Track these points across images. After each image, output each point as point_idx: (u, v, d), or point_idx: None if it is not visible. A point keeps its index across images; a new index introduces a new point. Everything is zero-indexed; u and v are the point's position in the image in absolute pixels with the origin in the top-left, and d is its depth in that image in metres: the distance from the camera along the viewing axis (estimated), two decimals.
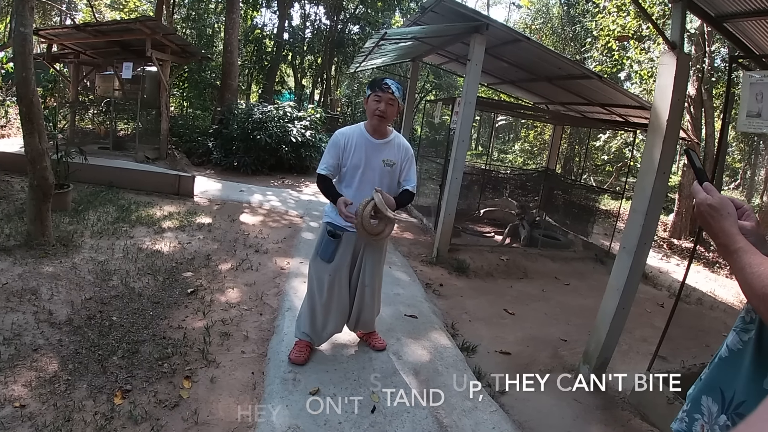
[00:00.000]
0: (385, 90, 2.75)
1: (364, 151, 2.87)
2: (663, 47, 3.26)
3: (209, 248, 5.26)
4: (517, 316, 4.85)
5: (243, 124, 10.91)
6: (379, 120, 2.82)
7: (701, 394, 1.17)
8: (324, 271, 2.98)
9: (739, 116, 3.03)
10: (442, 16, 5.98)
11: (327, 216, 3.01)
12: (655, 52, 10.93)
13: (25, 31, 4.28)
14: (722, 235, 1.03)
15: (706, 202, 1.07)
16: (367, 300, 3.15)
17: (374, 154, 2.89)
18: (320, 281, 3.01)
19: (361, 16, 20.42)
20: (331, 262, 2.95)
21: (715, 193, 1.07)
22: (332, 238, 2.93)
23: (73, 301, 3.61)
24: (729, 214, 1.04)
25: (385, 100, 2.77)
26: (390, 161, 2.91)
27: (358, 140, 2.88)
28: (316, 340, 3.17)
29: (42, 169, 4.47)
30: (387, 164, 2.90)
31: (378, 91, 2.77)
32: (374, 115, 2.81)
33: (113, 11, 19.53)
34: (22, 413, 2.38)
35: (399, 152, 2.96)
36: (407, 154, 3.01)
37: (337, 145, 2.88)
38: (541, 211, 8.55)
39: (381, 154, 2.90)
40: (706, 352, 4.67)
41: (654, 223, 3.35)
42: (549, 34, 21.39)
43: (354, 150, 2.87)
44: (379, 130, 2.91)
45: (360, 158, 2.86)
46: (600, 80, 6.24)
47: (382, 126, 2.88)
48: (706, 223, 1.07)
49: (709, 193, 1.08)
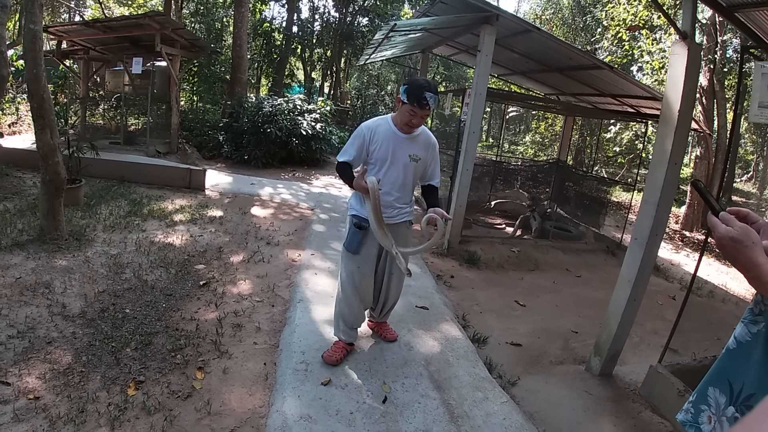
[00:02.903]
0: (423, 107, 2.65)
1: (391, 145, 2.82)
2: (674, 37, 3.22)
3: (221, 241, 5.29)
4: (528, 307, 4.84)
5: (253, 118, 10.92)
6: (410, 129, 2.81)
7: (708, 386, 1.16)
8: (353, 263, 2.97)
9: (751, 107, 2.98)
10: (452, 6, 5.94)
11: (352, 208, 3.00)
12: (667, 43, 10.79)
13: (35, 28, 4.31)
14: (752, 267, 0.95)
15: (728, 235, 0.97)
16: (392, 288, 3.17)
17: (401, 148, 2.83)
18: (350, 275, 2.99)
19: (370, 8, 20.36)
20: (358, 253, 2.93)
21: (735, 223, 0.98)
22: (358, 229, 2.90)
23: (87, 294, 3.66)
24: (754, 243, 0.95)
25: (420, 115, 2.70)
26: (416, 156, 2.87)
27: (386, 134, 2.83)
28: (351, 339, 3.16)
29: (54, 165, 4.51)
30: (413, 159, 2.86)
31: (416, 105, 2.64)
32: (406, 124, 2.76)
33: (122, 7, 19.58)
34: (37, 405, 2.42)
35: (426, 147, 2.93)
36: (434, 150, 2.99)
37: (362, 137, 2.84)
38: (552, 202, 8.50)
39: (408, 149, 2.85)
40: (718, 344, 4.63)
41: (666, 215, 3.31)
42: (559, 25, 21.16)
43: (381, 143, 2.82)
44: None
45: (387, 152, 2.81)
46: (611, 71, 6.17)
47: (411, 131, 2.85)
48: (731, 257, 0.98)
49: (727, 224, 0.98)
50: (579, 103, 9.10)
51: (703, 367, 3.46)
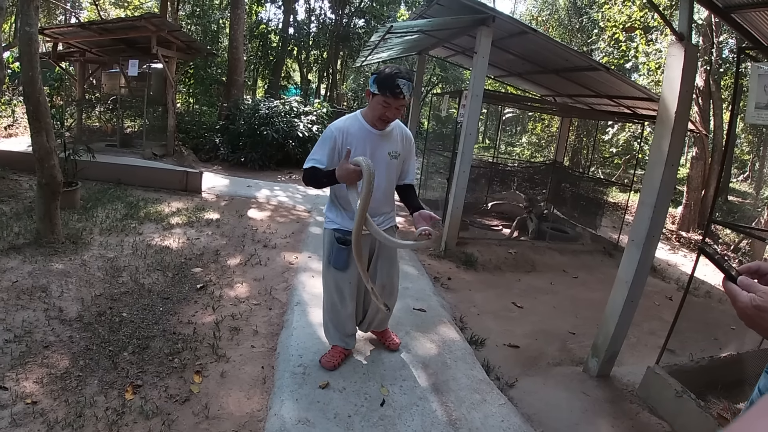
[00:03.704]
0: (397, 96, 2.36)
1: (368, 145, 2.56)
2: (671, 38, 3.23)
3: (218, 244, 5.28)
4: (525, 309, 4.85)
5: (249, 120, 10.90)
6: (384, 124, 2.55)
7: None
8: (344, 280, 2.78)
9: (748, 108, 2.99)
10: (448, 8, 5.95)
11: (331, 222, 2.76)
12: (663, 43, 10.84)
13: (31, 30, 4.29)
14: None
15: (752, 304, 0.86)
16: (386, 298, 2.93)
17: (379, 147, 2.59)
18: (340, 290, 2.82)
19: (366, 9, 20.37)
20: (347, 269, 2.74)
21: (758, 288, 0.88)
22: (343, 245, 2.67)
23: (83, 298, 3.65)
24: None
25: (394, 106, 2.42)
26: (395, 152, 2.66)
27: (359, 133, 2.56)
28: (352, 343, 3.09)
29: (50, 168, 4.50)
30: (393, 156, 2.64)
31: (389, 95, 2.37)
32: (379, 119, 2.49)
33: (118, 9, 19.55)
34: (34, 409, 2.41)
35: (403, 142, 2.71)
36: (410, 143, 2.79)
37: (333, 139, 2.54)
38: (549, 204, 8.52)
39: (386, 147, 2.62)
40: (715, 345, 4.66)
41: (663, 216, 3.32)
42: (556, 26, 21.21)
43: (356, 145, 2.51)
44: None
45: (364, 153, 2.49)
46: (607, 72, 6.20)
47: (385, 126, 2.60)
48: (756, 325, 0.88)
49: (749, 289, 0.88)
50: (575, 105, 9.12)
51: (701, 367, 3.48)
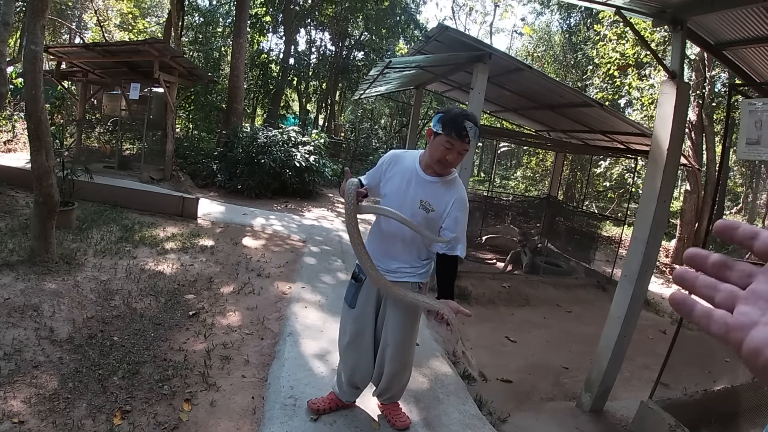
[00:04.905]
0: (463, 138, 2.12)
1: (404, 182, 2.31)
2: (663, 76, 3.32)
3: (211, 271, 5.26)
4: (518, 343, 4.83)
5: (247, 148, 10.98)
6: (441, 169, 2.25)
7: None
8: (348, 319, 2.57)
9: (739, 144, 3.06)
10: (446, 45, 6.08)
11: None
12: (656, 79, 11.06)
13: (36, 49, 4.35)
14: None
15: None
16: (387, 363, 2.54)
17: (416, 190, 2.28)
18: (343, 330, 2.64)
19: (366, 42, 20.81)
20: (353, 307, 2.52)
21: None
22: (354, 281, 2.52)
23: (75, 320, 3.61)
24: None
25: (458, 149, 2.17)
26: (429, 205, 2.26)
27: (406, 168, 2.33)
28: (343, 396, 2.78)
29: (48, 187, 4.51)
30: (424, 207, 2.26)
31: (454, 136, 2.12)
32: (438, 161, 2.20)
33: (122, 32, 19.91)
34: (21, 429, 2.37)
35: (448, 204, 2.29)
36: (459, 206, 2.31)
37: (383, 162, 2.41)
38: (543, 237, 8.57)
39: (423, 194, 2.27)
40: (709, 378, 4.64)
41: (655, 251, 3.36)
42: (551, 62, 21.71)
43: (395, 176, 2.33)
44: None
45: (398, 189, 2.30)
46: (601, 108, 6.31)
47: (441, 171, 2.30)
48: None
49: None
50: (569, 140, 9.25)
51: (695, 401, 3.47)
